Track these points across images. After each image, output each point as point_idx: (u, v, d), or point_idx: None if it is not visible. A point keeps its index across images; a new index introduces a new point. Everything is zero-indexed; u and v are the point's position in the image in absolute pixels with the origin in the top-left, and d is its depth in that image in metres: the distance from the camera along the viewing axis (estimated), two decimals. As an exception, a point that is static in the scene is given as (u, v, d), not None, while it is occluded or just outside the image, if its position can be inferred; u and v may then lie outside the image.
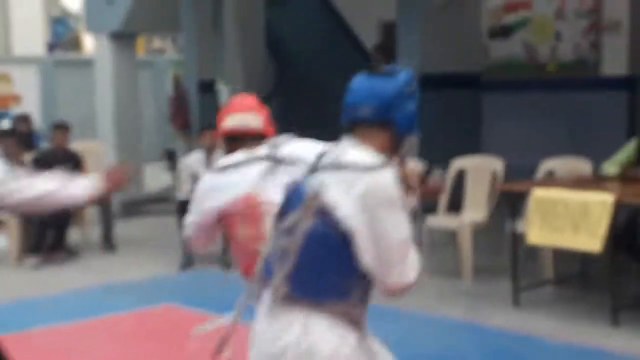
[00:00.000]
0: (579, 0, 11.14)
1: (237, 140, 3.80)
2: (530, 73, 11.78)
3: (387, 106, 2.78)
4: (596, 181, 6.91)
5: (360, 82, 2.87)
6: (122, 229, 10.32)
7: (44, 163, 8.65)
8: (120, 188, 3.98)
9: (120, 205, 11.48)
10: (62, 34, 23.92)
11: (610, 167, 6.96)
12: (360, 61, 12.06)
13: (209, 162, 8.74)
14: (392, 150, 2.84)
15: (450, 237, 7.87)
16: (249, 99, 4.04)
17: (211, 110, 12.11)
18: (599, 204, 5.99)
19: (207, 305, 6.97)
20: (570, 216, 6.12)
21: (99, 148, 11.46)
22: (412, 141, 3.19)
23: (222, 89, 12.75)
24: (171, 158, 13.75)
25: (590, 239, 6.00)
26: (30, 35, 22.62)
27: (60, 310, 7.10)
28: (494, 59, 11.93)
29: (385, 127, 2.81)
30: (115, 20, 12.56)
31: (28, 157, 9.21)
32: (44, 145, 10.88)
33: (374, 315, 5.65)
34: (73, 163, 9.18)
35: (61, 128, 9.98)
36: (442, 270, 7.80)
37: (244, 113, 3.89)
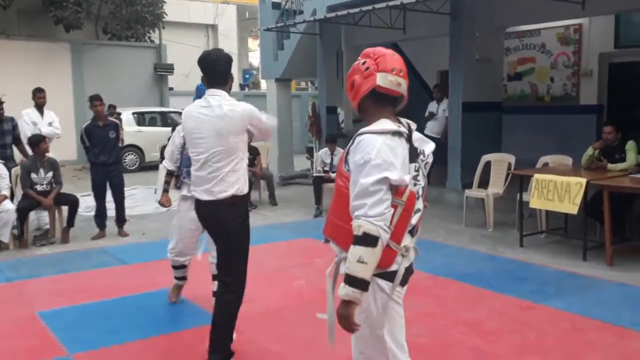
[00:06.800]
0: (566, 57, 11.05)
1: None
2: (533, 102, 11.62)
3: None
4: (574, 170, 6.68)
5: None
6: (281, 192, 10.49)
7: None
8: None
9: (280, 179, 11.73)
10: (248, 79, 24.46)
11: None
12: (425, 94, 11.98)
13: (331, 156, 8.89)
14: None
15: (480, 203, 7.73)
16: None
17: (333, 123, 12.24)
18: (577, 184, 5.84)
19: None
20: (557, 191, 5.99)
21: (268, 145, 11.65)
22: None
23: (340, 111, 12.78)
24: (309, 152, 13.87)
25: (570, 205, 5.86)
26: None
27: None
28: (510, 93, 11.81)
29: None
30: (279, 71, 12.78)
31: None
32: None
33: (431, 248, 5.63)
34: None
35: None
36: (475, 223, 7.67)
37: None
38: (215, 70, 3.41)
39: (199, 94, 4.14)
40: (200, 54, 3.48)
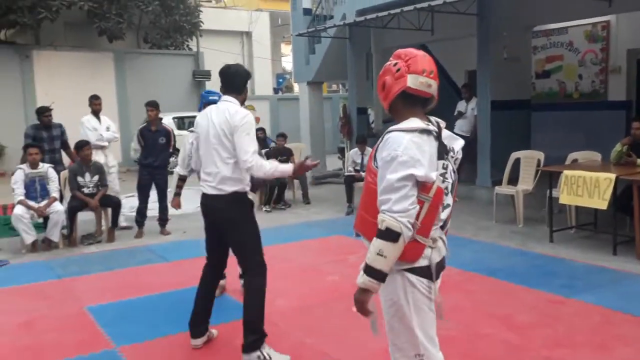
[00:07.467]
0: (594, 54, 10.84)
1: None
2: (562, 99, 11.43)
3: None
4: (603, 165, 6.54)
5: None
6: (314, 191, 10.53)
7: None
8: (302, 173, 3.85)
9: (313, 178, 11.75)
10: (281, 83, 24.57)
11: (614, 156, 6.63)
12: (454, 93, 11.83)
13: (362, 156, 8.86)
14: None
15: (510, 199, 7.61)
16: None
17: (364, 124, 12.21)
18: (606, 179, 5.71)
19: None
20: (586, 186, 5.86)
21: (302, 146, 11.73)
22: None
23: (371, 112, 12.74)
24: (341, 152, 13.87)
25: (600, 201, 5.74)
26: (264, 84, 23.40)
27: (281, 236, 7.29)
28: (538, 91, 11.65)
29: None
30: (310, 75, 12.82)
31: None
32: (272, 144, 11.16)
33: (461, 244, 5.57)
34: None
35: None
36: (504, 219, 7.57)
37: None
38: (234, 81, 3.64)
39: (203, 101, 4.21)
40: (222, 67, 3.65)
